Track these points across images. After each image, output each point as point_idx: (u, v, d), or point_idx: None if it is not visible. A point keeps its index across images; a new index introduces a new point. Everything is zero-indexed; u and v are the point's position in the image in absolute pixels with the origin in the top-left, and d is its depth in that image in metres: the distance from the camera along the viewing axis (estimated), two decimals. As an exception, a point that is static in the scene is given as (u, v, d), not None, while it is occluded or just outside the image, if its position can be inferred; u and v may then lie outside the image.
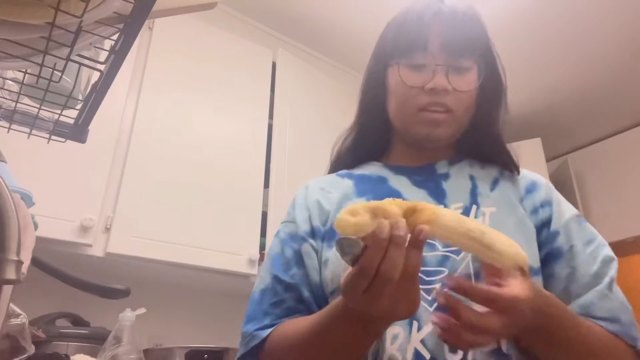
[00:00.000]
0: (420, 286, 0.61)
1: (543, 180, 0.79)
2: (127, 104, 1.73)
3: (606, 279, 0.66)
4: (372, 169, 0.82)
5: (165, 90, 1.82)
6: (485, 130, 0.77)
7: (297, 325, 0.65)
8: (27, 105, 0.74)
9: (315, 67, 2.44)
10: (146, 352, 1.39)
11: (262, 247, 1.85)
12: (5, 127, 0.76)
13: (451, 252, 0.65)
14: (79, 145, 0.87)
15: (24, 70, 0.69)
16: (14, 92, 0.72)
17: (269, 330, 0.67)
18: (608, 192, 3.20)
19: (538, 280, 0.67)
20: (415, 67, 0.73)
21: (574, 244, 0.70)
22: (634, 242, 3.01)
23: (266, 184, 1.96)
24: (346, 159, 0.87)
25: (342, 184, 0.80)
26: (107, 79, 0.65)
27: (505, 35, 2.50)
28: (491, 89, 0.77)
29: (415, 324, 0.61)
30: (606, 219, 3.11)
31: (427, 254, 0.65)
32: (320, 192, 0.80)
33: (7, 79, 0.73)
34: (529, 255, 0.64)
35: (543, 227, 0.72)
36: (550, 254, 0.70)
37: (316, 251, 0.73)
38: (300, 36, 2.51)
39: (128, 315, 1.20)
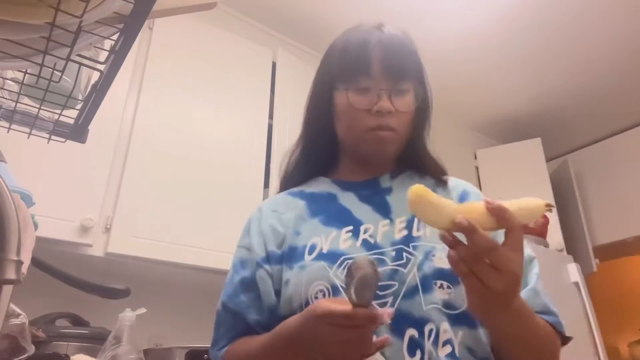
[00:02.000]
0: (375, 301, 0.67)
1: (473, 189, 0.86)
2: (127, 104, 1.73)
3: (534, 277, 0.74)
4: (322, 186, 0.87)
5: (165, 90, 1.82)
6: (419, 144, 0.86)
7: (247, 343, 0.74)
8: (27, 105, 0.74)
9: (315, 67, 2.42)
10: (146, 352, 1.39)
11: (262, 247, 1.85)
12: (5, 127, 0.77)
13: (400, 265, 0.71)
14: (79, 145, 0.87)
15: (24, 70, 0.69)
16: (14, 92, 0.72)
17: (224, 350, 0.77)
18: (608, 192, 3.20)
19: None
20: (360, 90, 0.79)
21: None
22: (634, 242, 3.01)
23: (266, 184, 1.96)
24: (295, 176, 0.91)
25: (295, 204, 0.85)
26: (107, 79, 0.65)
27: (505, 36, 2.50)
28: (423, 108, 0.84)
29: (374, 337, 0.65)
30: (606, 219, 3.11)
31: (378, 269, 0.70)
32: (273, 214, 0.84)
33: (7, 79, 0.73)
34: None
35: None
36: None
37: (271, 275, 0.78)
38: (300, 36, 2.51)
39: (128, 315, 1.20)
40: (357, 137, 0.81)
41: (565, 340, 0.73)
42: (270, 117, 2.09)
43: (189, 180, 1.76)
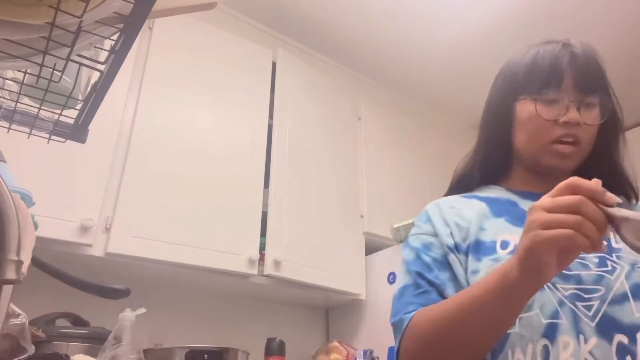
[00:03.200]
0: (580, 303, 0.69)
1: None
2: (127, 104, 1.73)
3: None
4: (497, 193, 0.88)
5: (165, 90, 1.82)
6: (606, 161, 0.85)
7: (441, 305, 0.70)
8: (27, 105, 0.74)
9: (315, 67, 2.44)
10: (146, 352, 1.39)
11: (262, 247, 1.85)
12: (5, 127, 0.77)
13: (605, 271, 0.71)
14: (79, 145, 0.87)
15: (24, 70, 0.69)
16: (14, 92, 0.72)
17: (412, 313, 0.73)
18: (608, 192, 3.20)
19: None
20: (548, 102, 0.81)
21: None
22: (634, 242, 3.01)
23: (266, 184, 1.96)
24: (466, 182, 0.93)
25: (473, 204, 0.85)
26: (107, 79, 0.65)
27: (505, 35, 2.50)
28: (611, 122, 0.85)
29: (581, 337, 0.67)
30: (606, 219, 3.10)
31: (582, 272, 0.71)
32: (452, 210, 0.85)
33: (7, 79, 0.73)
34: None
35: None
36: None
37: (460, 262, 0.78)
38: (300, 36, 2.51)
39: (128, 315, 1.20)
40: (539, 149, 0.82)
41: None
42: (270, 117, 2.09)
43: (189, 180, 1.76)
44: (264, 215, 1.90)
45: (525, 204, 0.83)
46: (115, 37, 0.58)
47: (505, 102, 0.87)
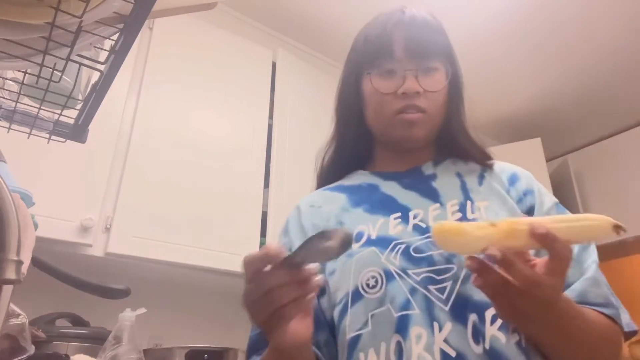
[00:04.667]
0: (433, 286, 0.64)
1: (521, 171, 0.82)
2: (127, 104, 1.73)
3: (592, 265, 0.68)
4: (361, 179, 0.84)
5: (165, 90, 1.82)
6: (459, 127, 0.82)
7: None
8: (27, 105, 0.74)
9: (315, 67, 2.44)
10: (146, 352, 1.39)
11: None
12: (5, 127, 0.77)
13: None
14: (79, 145, 0.87)
15: (24, 70, 0.69)
16: (14, 92, 0.72)
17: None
18: (608, 192, 3.20)
19: None
20: (385, 74, 0.77)
21: None
22: (634, 242, 3.01)
23: (266, 184, 1.96)
24: (331, 172, 0.88)
25: (334, 197, 0.82)
26: (107, 79, 0.65)
27: (505, 35, 2.50)
28: (456, 88, 0.82)
29: (435, 324, 0.62)
30: (606, 219, 3.10)
31: (434, 252, 0.67)
32: (311, 209, 0.81)
33: (7, 79, 0.73)
34: None
35: (528, 216, 0.73)
36: None
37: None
38: (300, 36, 2.51)
39: (128, 315, 1.20)
40: (385, 123, 0.78)
41: (629, 334, 0.67)
42: (270, 117, 2.09)
43: (188, 180, 1.76)
44: (264, 215, 1.90)
45: (387, 186, 0.79)
46: (115, 37, 0.58)
47: (352, 83, 0.84)
